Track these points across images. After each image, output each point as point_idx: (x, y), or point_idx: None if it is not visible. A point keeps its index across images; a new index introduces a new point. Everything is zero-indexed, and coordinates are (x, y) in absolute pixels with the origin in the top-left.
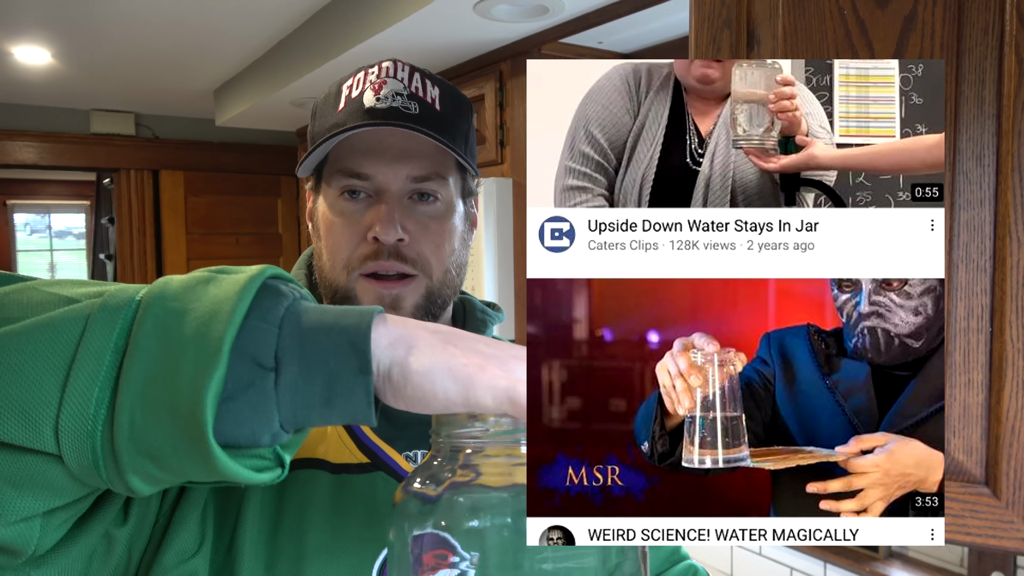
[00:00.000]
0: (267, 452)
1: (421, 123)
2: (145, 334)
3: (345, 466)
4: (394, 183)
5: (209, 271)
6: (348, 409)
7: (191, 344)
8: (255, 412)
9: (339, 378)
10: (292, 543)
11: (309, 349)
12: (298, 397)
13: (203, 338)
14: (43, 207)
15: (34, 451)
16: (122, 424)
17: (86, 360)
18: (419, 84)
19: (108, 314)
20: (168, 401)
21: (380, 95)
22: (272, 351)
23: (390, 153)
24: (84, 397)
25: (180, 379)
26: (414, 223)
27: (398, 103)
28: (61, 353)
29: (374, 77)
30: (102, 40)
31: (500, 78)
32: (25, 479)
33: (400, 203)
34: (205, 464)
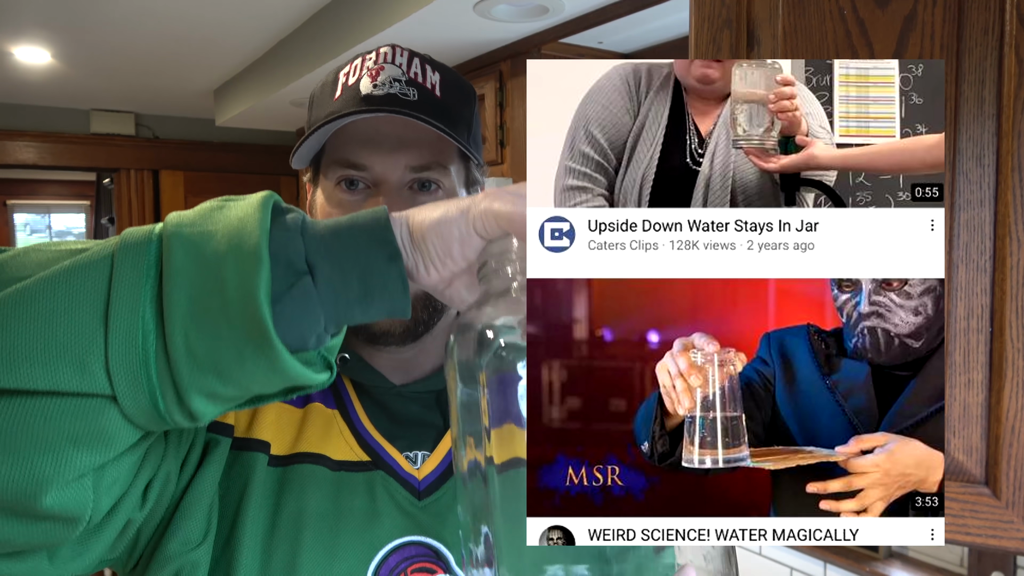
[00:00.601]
0: (314, 356)
1: (420, 110)
2: (178, 258)
3: (345, 463)
4: (392, 173)
5: (215, 201)
6: (386, 299)
7: (229, 256)
8: (303, 312)
9: (372, 269)
10: (289, 539)
11: (337, 249)
12: (338, 295)
13: (239, 249)
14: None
15: (86, 395)
16: (176, 345)
17: (122, 292)
18: (418, 70)
19: (132, 248)
20: (221, 311)
21: (377, 81)
22: (302, 255)
23: (387, 142)
24: (130, 328)
25: (227, 288)
26: None
27: (396, 89)
28: (93, 291)
29: (371, 63)
30: (102, 40)
31: (500, 78)
32: (79, 430)
33: (399, 194)
34: (271, 365)
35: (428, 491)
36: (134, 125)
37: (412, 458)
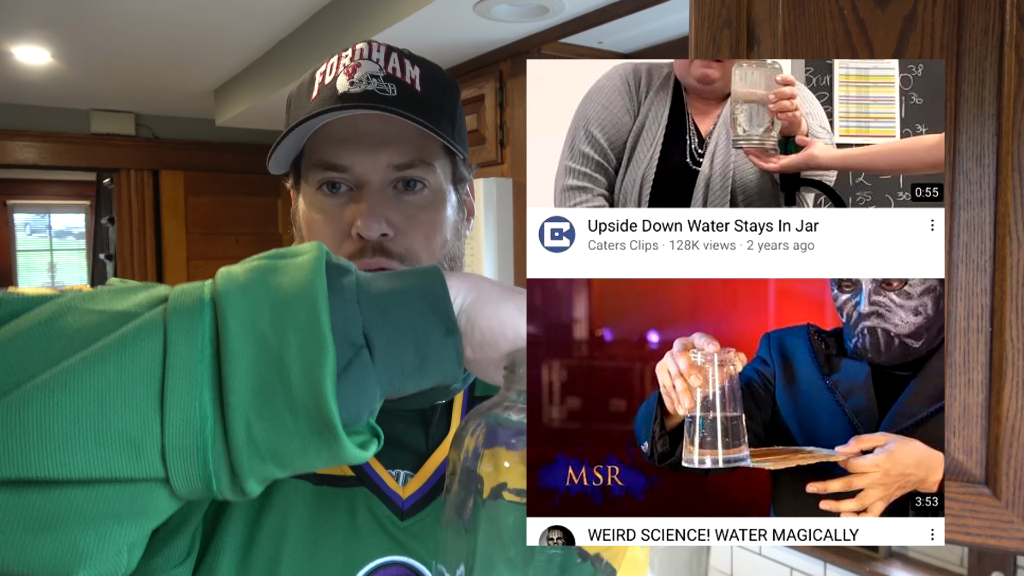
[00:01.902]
0: (363, 427)
1: (400, 105)
2: (235, 339)
3: (328, 477)
4: (374, 173)
5: (263, 258)
6: (439, 371)
7: (291, 339)
8: (361, 391)
9: (429, 343)
10: (268, 554)
11: (393, 317)
12: (393, 368)
13: (301, 330)
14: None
15: (138, 480)
16: (237, 432)
17: (178, 375)
18: (397, 64)
19: (184, 321)
20: (285, 402)
21: (354, 78)
22: (359, 327)
23: (367, 140)
24: (187, 413)
25: (292, 376)
26: (400, 215)
27: (373, 86)
28: (147, 372)
29: (348, 60)
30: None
31: (500, 78)
32: (125, 509)
33: (383, 194)
34: (332, 454)
35: (411, 511)
36: (134, 125)
37: (396, 476)
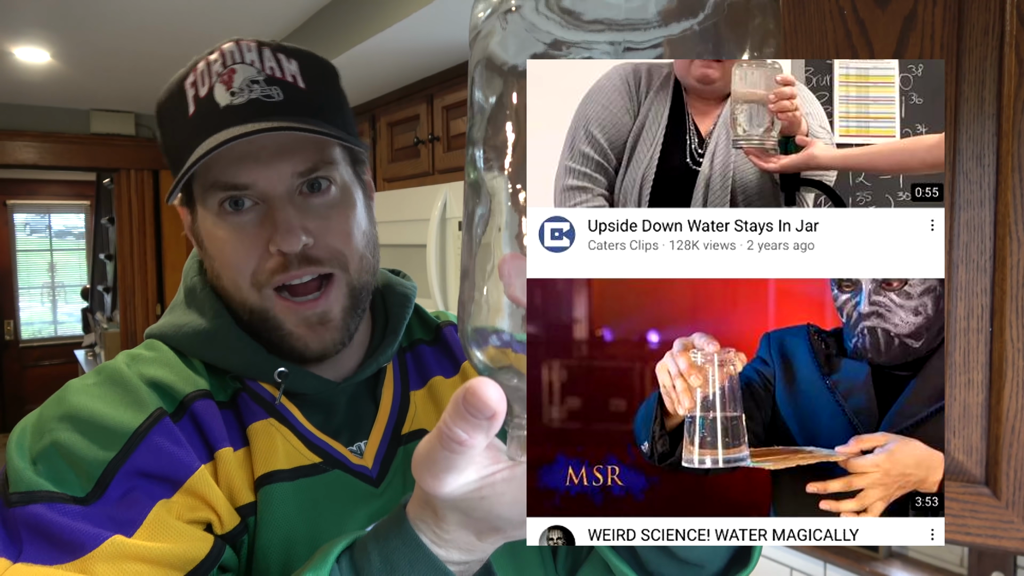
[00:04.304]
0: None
1: (291, 111)
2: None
3: (299, 469)
4: (280, 184)
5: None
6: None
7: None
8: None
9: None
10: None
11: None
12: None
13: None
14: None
15: None
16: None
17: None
18: (273, 63)
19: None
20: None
21: (234, 88)
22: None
23: (266, 154)
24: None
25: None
26: (313, 219)
27: (257, 93)
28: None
29: (219, 67)
30: (102, 40)
31: None
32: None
33: (292, 204)
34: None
35: (381, 474)
36: (134, 125)
37: (356, 451)
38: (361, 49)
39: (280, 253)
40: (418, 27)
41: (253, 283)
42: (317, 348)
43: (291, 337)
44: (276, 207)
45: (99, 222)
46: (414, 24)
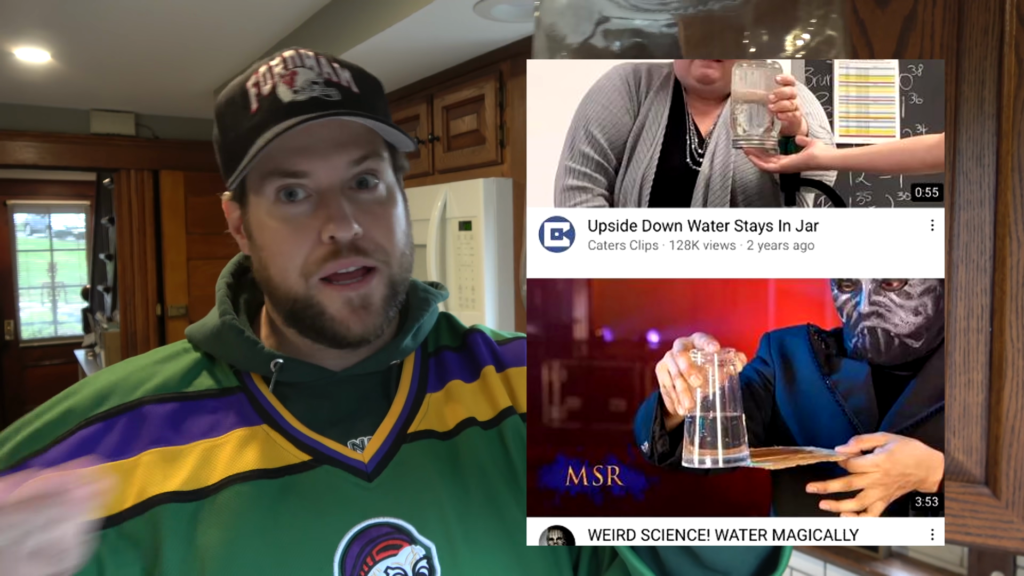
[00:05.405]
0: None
1: (348, 108)
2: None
3: (287, 468)
4: (335, 176)
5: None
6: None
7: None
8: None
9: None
10: (220, 568)
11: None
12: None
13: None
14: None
15: None
16: None
17: None
18: (329, 70)
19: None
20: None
21: (296, 87)
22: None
23: (323, 145)
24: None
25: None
26: (363, 213)
27: (317, 92)
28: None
29: (281, 70)
30: (102, 40)
31: (500, 78)
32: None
33: (345, 195)
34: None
35: (377, 470)
36: (134, 125)
37: (357, 444)
38: (361, 49)
39: (332, 240)
40: (418, 27)
41: (302, 272)
42: (359, 331)
43: (333, 322)
44: (330, 197)
45: (99, 222)
46: (414, 24)
